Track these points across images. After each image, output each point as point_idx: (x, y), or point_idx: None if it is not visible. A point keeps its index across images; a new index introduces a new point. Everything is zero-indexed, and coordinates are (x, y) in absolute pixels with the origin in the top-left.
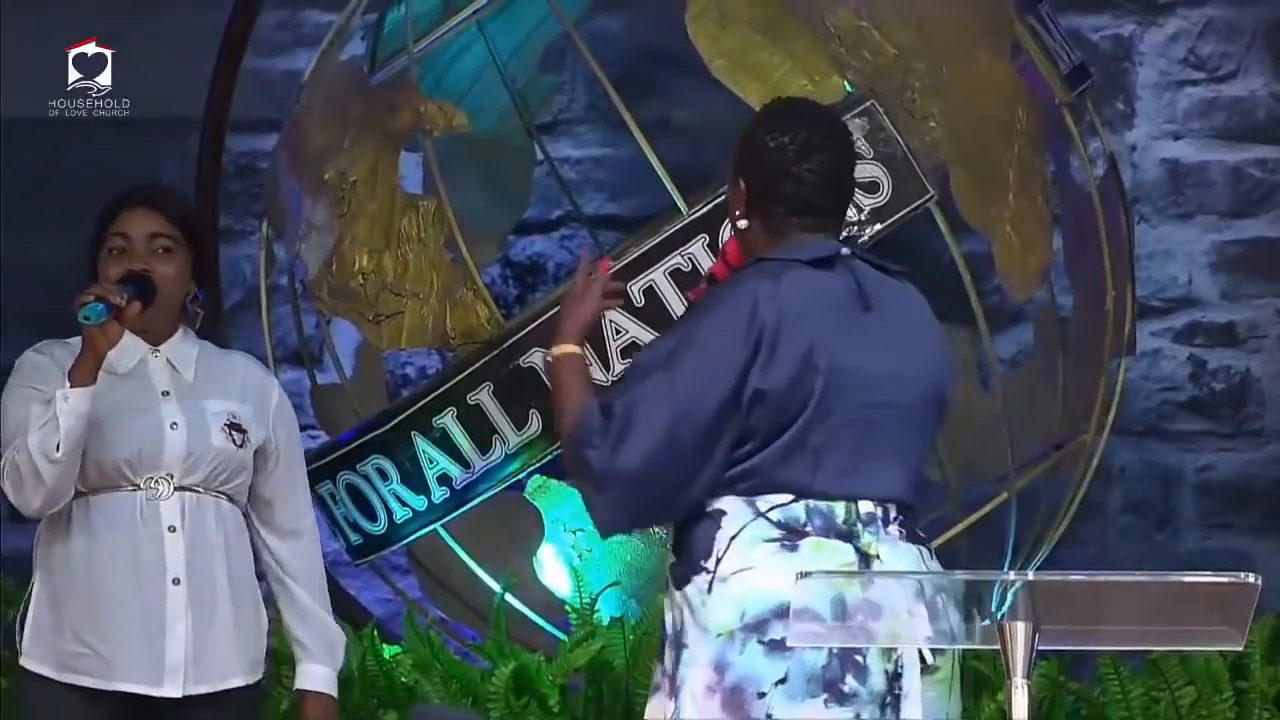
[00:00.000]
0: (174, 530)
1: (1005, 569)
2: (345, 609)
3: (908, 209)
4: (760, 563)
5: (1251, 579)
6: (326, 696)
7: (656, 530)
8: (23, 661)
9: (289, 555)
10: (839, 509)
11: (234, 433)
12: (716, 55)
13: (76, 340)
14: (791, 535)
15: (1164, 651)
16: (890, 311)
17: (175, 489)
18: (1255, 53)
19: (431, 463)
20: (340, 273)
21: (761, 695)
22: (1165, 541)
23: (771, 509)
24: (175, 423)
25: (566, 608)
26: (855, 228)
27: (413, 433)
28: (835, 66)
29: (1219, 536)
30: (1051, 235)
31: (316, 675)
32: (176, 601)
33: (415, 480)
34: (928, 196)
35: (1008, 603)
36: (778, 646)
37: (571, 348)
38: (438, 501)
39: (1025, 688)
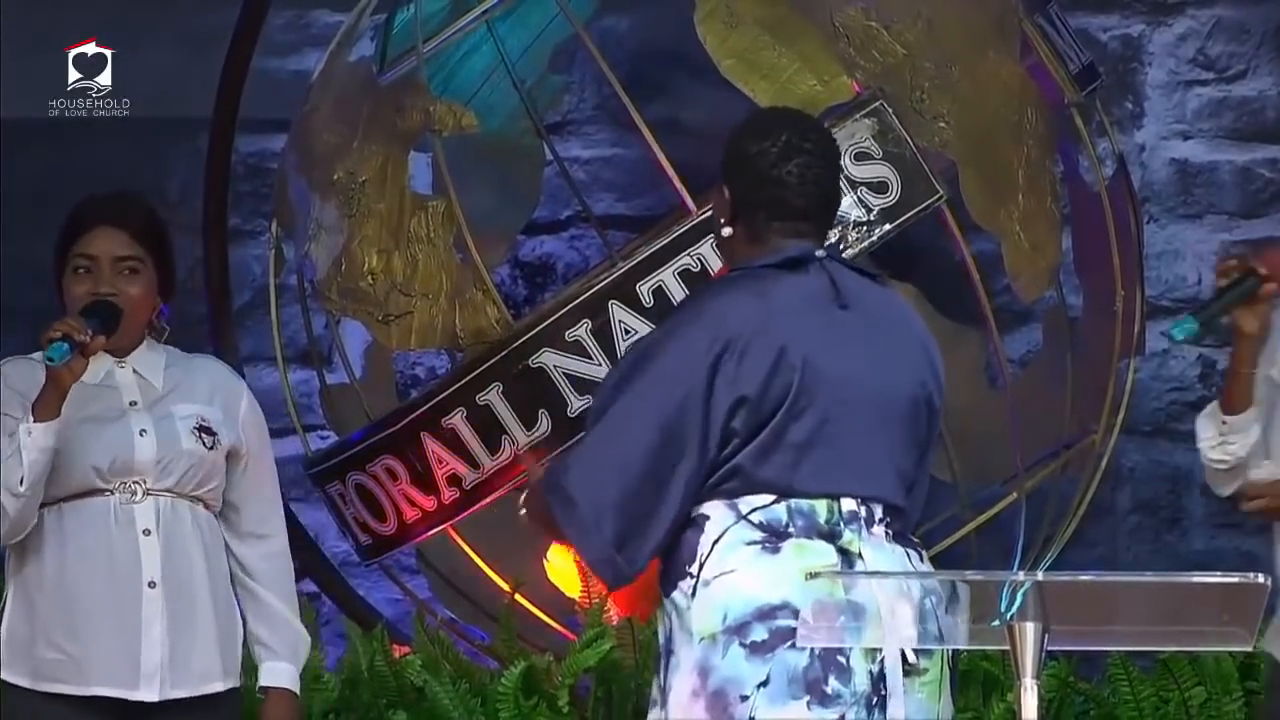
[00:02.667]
0: (149, 533)
1: (1014, 569)
2: (354, 609)
3: (917, 209)
4: (741, 565)
5: (1261, 579)
6: (289, 693)
7: None
8: (1, 674)
9: (255, 558)
10: (821, 508)
11: (204, 435)
12: (726, 55)
13: (38, 354)
14: (773, 537)
15: (1173, 652)
16: (869, 310)
17: (147, 493)
18: (1264, 53)
19: (441, 463)
20: (349, 273)
21: (744, 698)
22: (1174, 541)
23: (753, 511)
24: (144, 429)
25: (576, 608)
26: (865, 228)
27: (422, 433)
28: (844, 66)
29: (1228, 536)
30: (1061, 235)
31: (280, 672)
32: (152, 604)
33: (425, 480)
34: (937, 197)
35: (1017, 603)
36: (759, 649)
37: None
38: (447, 502)
39: (1034, 688)
